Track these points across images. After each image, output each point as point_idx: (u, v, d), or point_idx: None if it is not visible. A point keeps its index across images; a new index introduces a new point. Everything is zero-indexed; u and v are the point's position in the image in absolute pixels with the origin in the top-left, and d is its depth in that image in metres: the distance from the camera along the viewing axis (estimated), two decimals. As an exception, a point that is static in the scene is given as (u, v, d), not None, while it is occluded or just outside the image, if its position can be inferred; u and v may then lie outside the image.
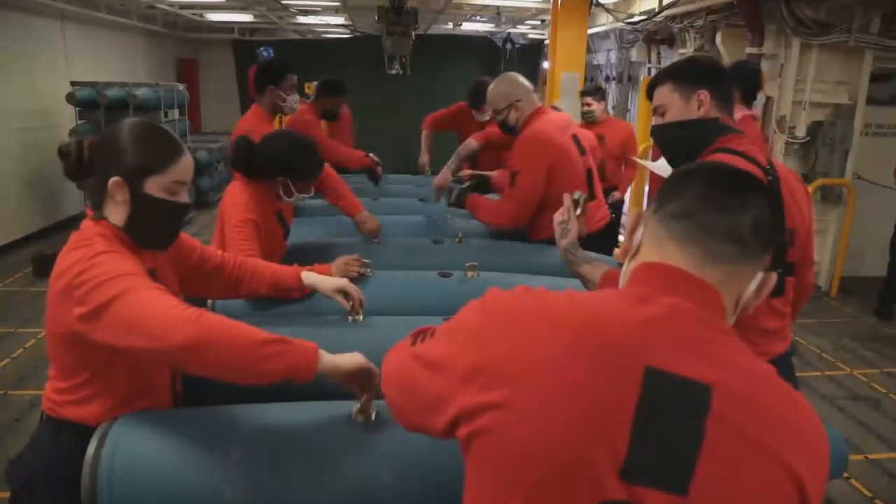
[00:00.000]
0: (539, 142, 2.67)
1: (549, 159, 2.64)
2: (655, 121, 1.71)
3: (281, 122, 4.14)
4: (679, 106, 1.65)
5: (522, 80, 2.84)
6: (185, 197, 1.43)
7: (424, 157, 4.50)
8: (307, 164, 2.25)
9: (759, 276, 0.85)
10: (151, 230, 1.41)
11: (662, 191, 0.89)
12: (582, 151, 2.83)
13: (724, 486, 0.71)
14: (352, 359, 1.34)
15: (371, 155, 4.03)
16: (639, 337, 0.75)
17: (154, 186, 1.37)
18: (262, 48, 8.90)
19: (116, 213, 1.37)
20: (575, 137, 2.83)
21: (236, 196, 2.18)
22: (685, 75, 1.67)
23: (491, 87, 2.85)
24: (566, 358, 0.74)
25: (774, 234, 0.86)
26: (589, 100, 4.82)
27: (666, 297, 0.79)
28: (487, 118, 3.84)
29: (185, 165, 1.41)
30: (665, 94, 1.68)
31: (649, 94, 1.73)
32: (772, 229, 0.85)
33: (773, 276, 0.86)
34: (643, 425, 0.71)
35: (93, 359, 1.33)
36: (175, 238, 1.52)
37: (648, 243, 0.88)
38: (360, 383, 1.33)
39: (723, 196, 0.83)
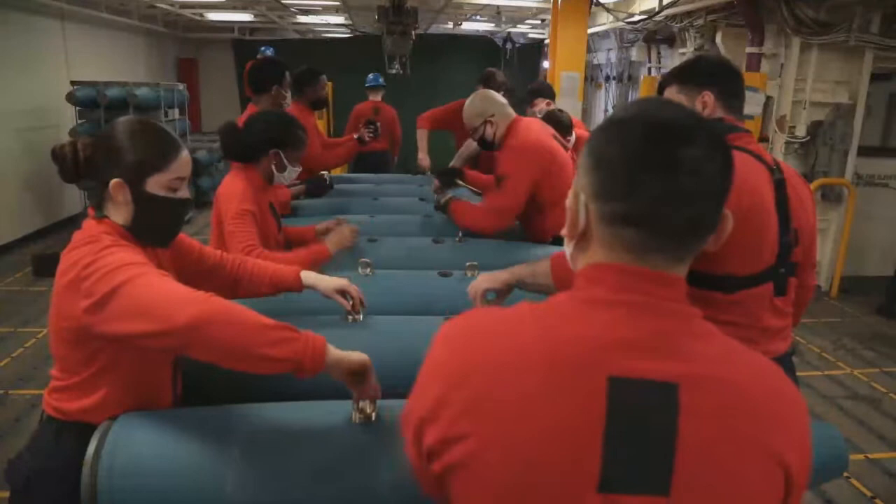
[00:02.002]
0: (530, 150, 2.73)
1: (541, 166, 2.70)
2: None
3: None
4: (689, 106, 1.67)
5: (495, 95, 2.91)
6: (185, 192, 1.44)
7: (424, 157, 4.49)
8: (295, 132, 2.29)
9: None
10: (155, 228, 1.42)
11: (599, 175, 0.76)
12: (565, 148, 2.95)
13: (706, 479, 0.71)
14: (357, 355, 1.33)
15: (360, 129, 4.02)
16: (597, 347, 0.73)
17: (155, 185, 1.37)
18: (263, 48, 8.88)
19: (119, 212, 1.38)
20: (554, 135, 2.93)
21: (231, 188, 2.18)
22: (690, 77, 1.68)
23: (465, 106, 2.91)
24: (527, 382, 0.73)
25: (730, 181, 0.76)
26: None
27: (622, 295, 0.75)
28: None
29: (183, 161, 1.42)
30: (672, 95, 1.70)
31: (660, 94, 1.75)
32: (729, 188, 0.76)
33: (729, 214, 0.77)
34: (614, 436, 0.70)
35: (97, 356, 1.33)
36: (177, 234, 1.52)
37: (598, 241, 0.78)
38: (361, 384, 1.33)
39: (683, 185, 0.72)
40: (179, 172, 1.41)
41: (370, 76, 6.37)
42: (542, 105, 4.31)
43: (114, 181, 1.34)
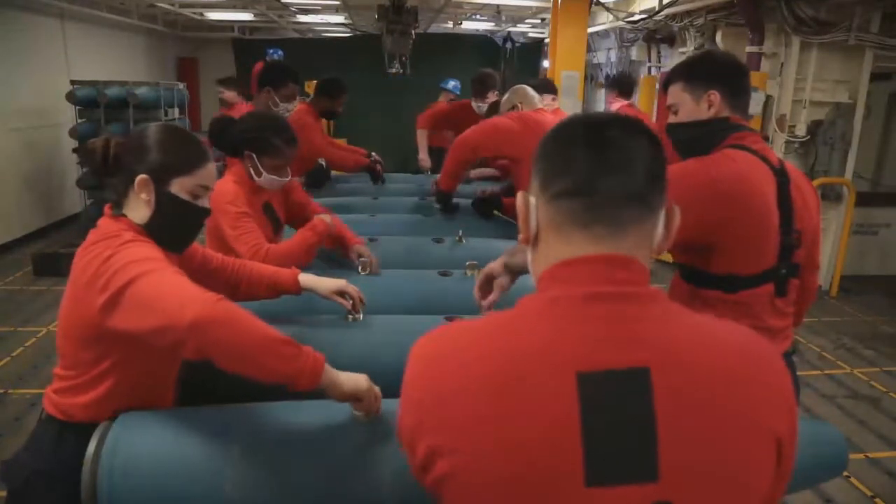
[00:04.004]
0: (526, 120, 2.90)
1: (523, 134, 2.83)
2: (670, 119, 1.70)
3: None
4: (690, 106, 1.64)
5: (528, 89, 3.18)
6: (206, 203, 1.46)
7: (424, 157, 4.49)
8: (270, 140, 2.19)
9: (662, 214, 0.81)
10: (171, 230, 1.42)
11: (543, 166, 0.83)
12: None
13: (695, 459, 0.71)
14: (354, 380, 1.31)
15: (372, 154, 4.03)
16: (562, 346, 0.74)
17: (179, 187, 1.39)
18: (271, 50, 8.84)
19: (138, 211, 1.39)
20: None
21: (222, 187, 2.17)
22: (697, 75, 1.65)
23: (503, 100, 3.24)
24: (493, 394, 0.73)
25: (665, 173, 0.81)
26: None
27: (579, 289, 0.77)
28: (486, 108, 3.88)
29: (209, 171, 1.45)
30: (677, 92, 1.67)
31: (664, 89, 1.73)
32: (663, 170, 0.81)
33: (677, 209, 0.82)
34: (592, 430, 0.70)
35: (106, 355, 1.33)
36: (191, 242, 1.54)
37: (548, 230, 0.82)
38: (359, 403, 1.32)
39: (610, 157, 0.78)
40: (204, 180, 1.43)
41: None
42: (548, 100, 4.33)
43: (140, 177, 1.36)
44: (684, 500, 0.71)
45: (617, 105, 4.88)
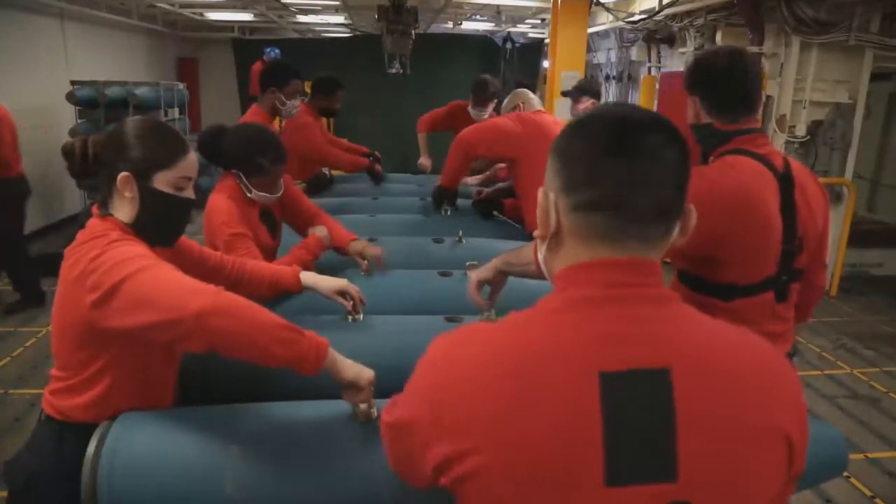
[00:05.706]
0: (526, 120, 2.94)
1: (524, 133, 2.88)
2: None
3: (280, 124, 4.15)
4: (686, 111, 1.66)
5: (529, 92, 3.24)
6: (191, 193, 1.45)
7: (425, 159, 4.49)
8: (255, 160, 2.11)
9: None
10: (159, 225, 1.42)
11: (566, 165, 0.79)
12: None
13: (712, 461, 0.71)
14: (358, 369, 1.33)
15: (375, 153, 4.04)
16: (584, 346, 0.74)
17: (162, 182, 1.39)
18: (268, 49, 8.83)
19: (124, 209, 1.38)
20: None
21: (215, 203, 2.09)
22: (685, 80, 1.65)
23: (504, 102, 3.30)
24: (513, 393, 0.73)
25: (689, 179, 0.79)
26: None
27: (601, 290, 0.77)
28: (486, 116, 3.87)
29: (191, 161, 1.44)
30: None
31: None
32: (689, 176, 0.79)
33: (692, 208, 0.80)
34: (613, 429, 0.70)
35: (100, 354, 1.33)
36: (180, 234, 1.53)
37: (570, 236, 0.80)
38: (354, 395, 1.33)
39: (642, 169, 0.75)
40: (186, 172, 1.42)
41: None
42: (587, 104, 4.25)
43: (122, 175, 1.35)
44: (702, 501, 0.71)
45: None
